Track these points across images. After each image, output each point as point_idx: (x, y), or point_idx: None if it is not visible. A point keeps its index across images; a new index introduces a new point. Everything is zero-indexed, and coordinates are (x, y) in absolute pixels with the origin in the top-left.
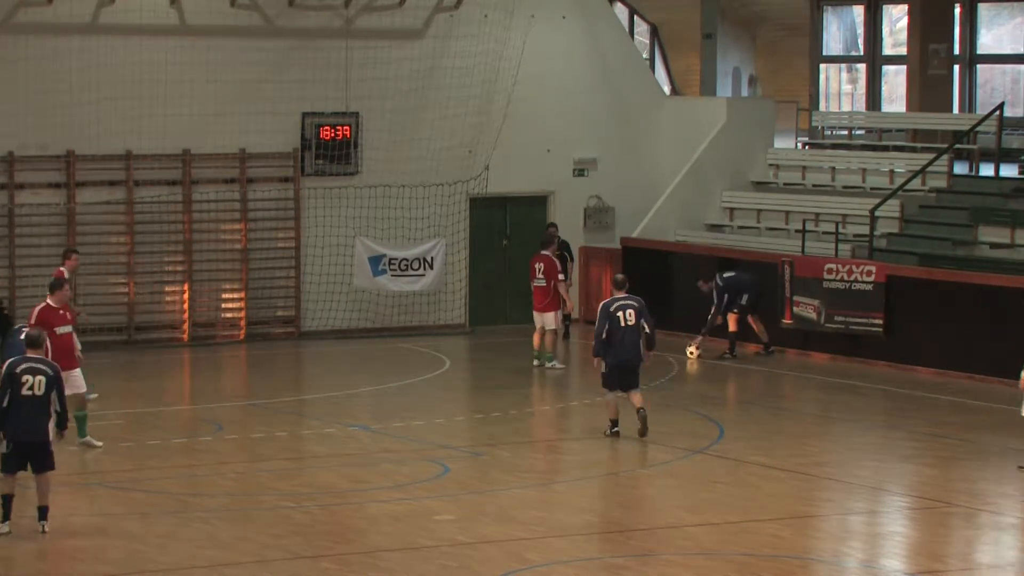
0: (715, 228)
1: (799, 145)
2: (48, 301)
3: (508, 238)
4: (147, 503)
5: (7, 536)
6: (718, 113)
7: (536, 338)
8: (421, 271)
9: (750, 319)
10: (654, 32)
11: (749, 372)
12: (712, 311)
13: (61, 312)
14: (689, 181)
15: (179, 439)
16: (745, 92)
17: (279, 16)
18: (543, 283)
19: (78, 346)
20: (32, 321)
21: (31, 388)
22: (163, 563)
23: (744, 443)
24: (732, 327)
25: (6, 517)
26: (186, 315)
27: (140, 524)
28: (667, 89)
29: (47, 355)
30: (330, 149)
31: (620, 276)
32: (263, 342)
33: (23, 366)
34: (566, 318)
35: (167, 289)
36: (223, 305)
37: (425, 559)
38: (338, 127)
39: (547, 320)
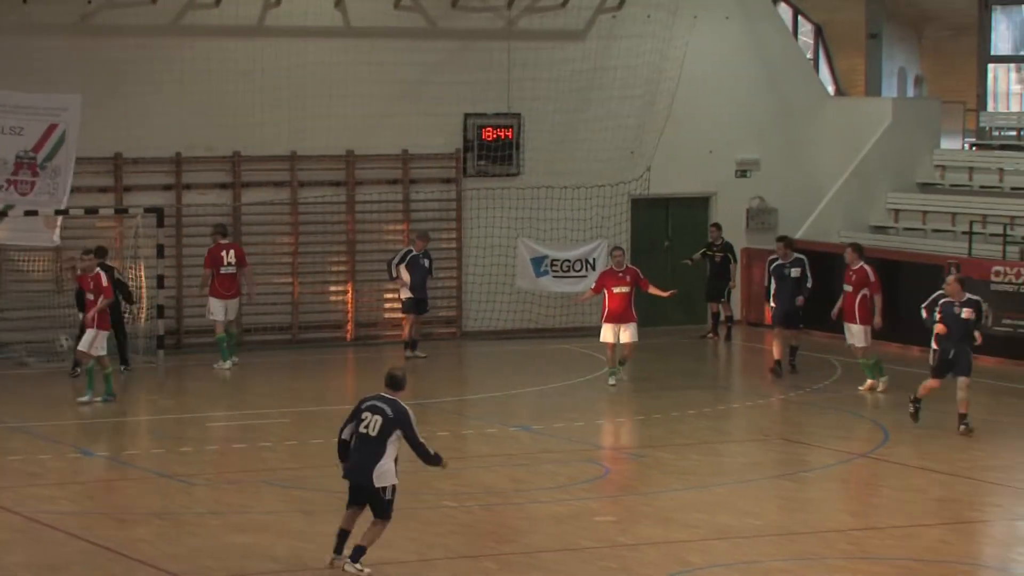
0: (879, 230)
1: (966, 146)
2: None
3: (670, 239)
4: (311, 501)
5: (329, 568)
6: (883, 113)
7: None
8: (583, 272)
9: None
10: (818, 32)
11: (914, 376)
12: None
13: (88, 280)
14: (853, 182)
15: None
16: (911, 92)
17: (442, 18)
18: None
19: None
20: (105, 284)
21: (367, 427)
22: (325, 560)
23: (909, 447)
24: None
25: (336, 550)
26: (349, 315)
27: (304, 522)
28: (831, 89)
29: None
30: (492, 150)
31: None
32: (425, 342)
33: (368, 403)
34: (728, 319)
35: (331, 289)
36: (385, 305)
37: (585, 560)
38: (500, 128)
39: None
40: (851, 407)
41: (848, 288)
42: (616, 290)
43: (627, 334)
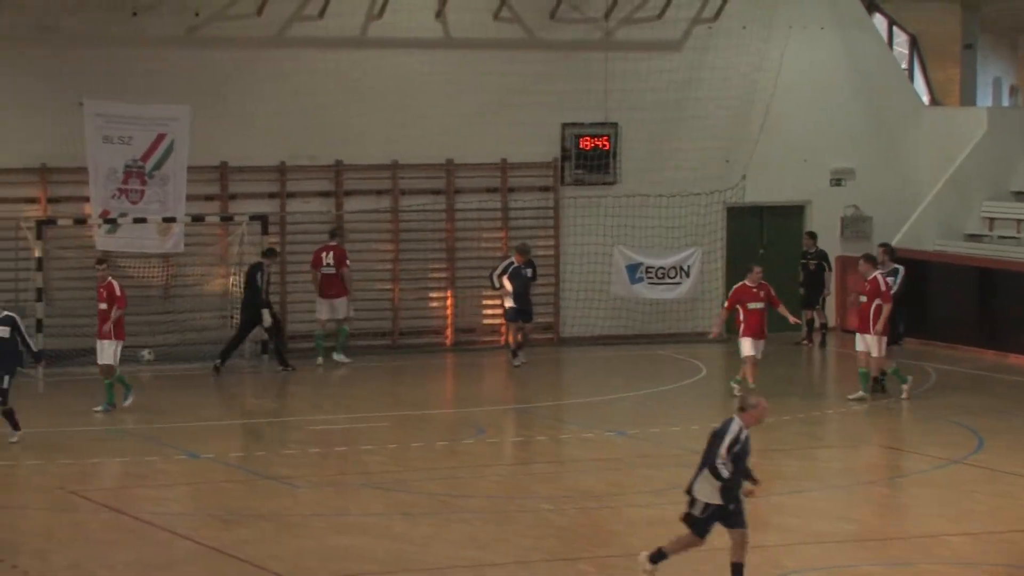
0: (974, 238)
1: None
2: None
3: (765, 247)
4: (411, 504)
5: None
6: (978, 123)
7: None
8: (678, 279)
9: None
10: (913, 43)
11: (1010, 383)
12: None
13: (101, 290)
14: (948, 191)
15: (442, 442)
16: (1006, 102)
17: (541, 28)
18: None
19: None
20: (119, 294)
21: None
22: (425, 562)
23: (1004, 453)
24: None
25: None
26: (449, 320)
27: (404, 524)
28: (926, 99)
29: None
30: (589, 159)
31: None
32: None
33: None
34: (823, 327)
35: (431, 295)
36: (484, 311)
37: (681, 564)
38: (597, 137)
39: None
40: (945, 413)
41: (863, 299)
42: (751, 306)
43: (759, 349)
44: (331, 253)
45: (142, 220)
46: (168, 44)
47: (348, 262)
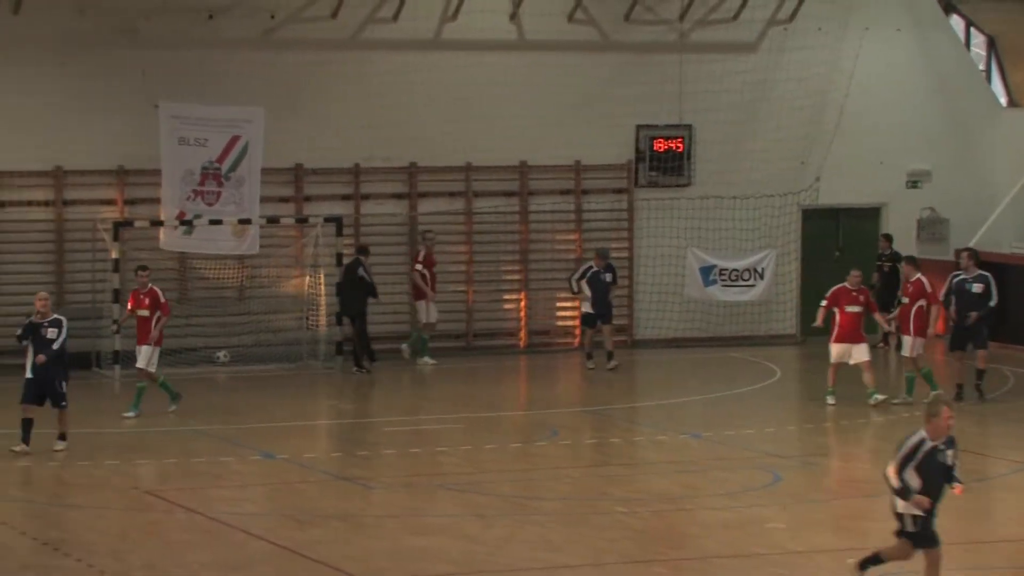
0: None
1: None
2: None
3: (841, 249)
4: (485, 505)
5: None
6: None
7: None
8: (752, 282)
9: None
10: (991, 44)
11: None
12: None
13: (142, 297)
14: None
15: (515, 443)
16: None
17: (615, 31)
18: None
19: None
20: (163, 301)
21: None
22: (499, 564)
23: None
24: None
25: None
26: (523, 322)
27: (478, 525)
28: (1003, 100)
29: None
30: (663, 161)
31: None
32: (596, 349)
33: None
34: (898, 329)
35: (504, 297)
36: (558, 313)
37: (757, 566)
38: (671, 139)
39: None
40: None
41: (905, 300)
42: (849, 308)
43: (858, 353)
44: (422, 254)
45: (218, 222)
46: (243, 46)
47: (417, 264)
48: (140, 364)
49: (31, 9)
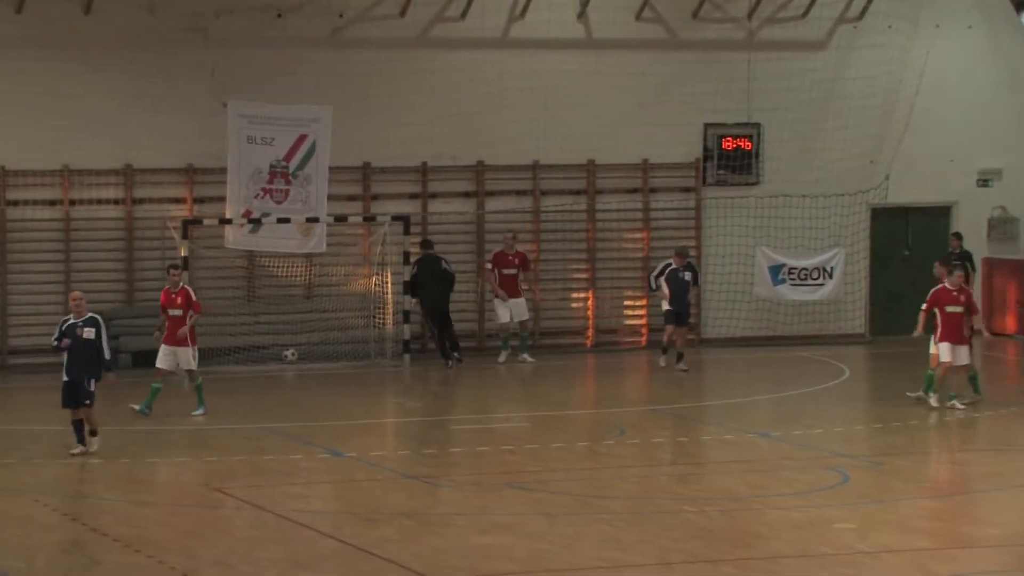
0: None
1: None
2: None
3: (910, 248)
4: (551, 504)
5: None
6: None
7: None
8: (821, 280)
9: None
10: None
11: None
12: None
13: (174, 296)
14: None
15: (582, 442)
16: None
17: (683, 28)
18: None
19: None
20: (194, 299)
21: None
22: (566, 562)
23: None
24: None
25: None
26: (590, 321)
27: (545, 524)
28: None
29: None
30: (731, 159)
31: None
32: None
33: None
34: (969, 329)
35: (572, 295)
36: (625, 312)
37: (825, 566)
38: (739, 138)
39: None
40: None
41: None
42: (949, 309)
43: (960, 355)
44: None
45: (285, 220)
46: (312, 45)
47: (487, 264)
48: (185, 366)
49: (102, 9)
